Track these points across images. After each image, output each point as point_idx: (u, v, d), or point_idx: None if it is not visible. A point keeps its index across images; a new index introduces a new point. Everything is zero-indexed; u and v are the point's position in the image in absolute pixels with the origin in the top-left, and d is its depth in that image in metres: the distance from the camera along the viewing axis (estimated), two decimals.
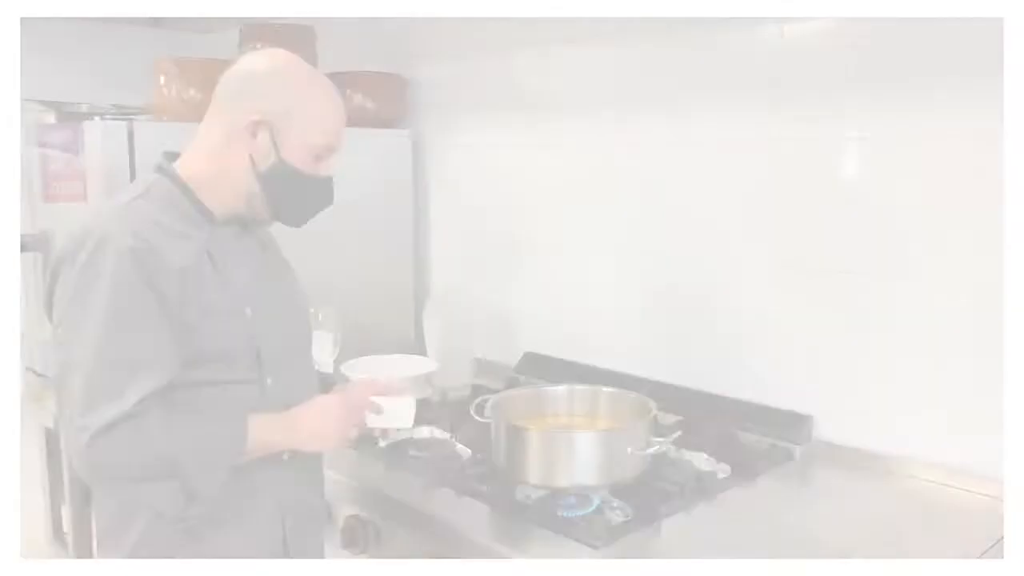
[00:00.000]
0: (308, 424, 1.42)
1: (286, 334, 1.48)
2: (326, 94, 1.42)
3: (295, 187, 1.41)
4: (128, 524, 1.37)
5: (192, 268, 1.32)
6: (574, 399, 1.87)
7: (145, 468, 1.26)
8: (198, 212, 1.39)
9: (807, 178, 1.89)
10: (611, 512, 1.61)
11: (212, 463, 1.31)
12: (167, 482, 1.27)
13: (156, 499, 1.29)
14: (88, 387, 1.24)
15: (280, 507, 1.46)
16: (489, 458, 1.77)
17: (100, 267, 1.26)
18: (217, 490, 1.32)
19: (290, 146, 1.38)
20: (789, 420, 1.91)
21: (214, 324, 1.34)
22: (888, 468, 1.80)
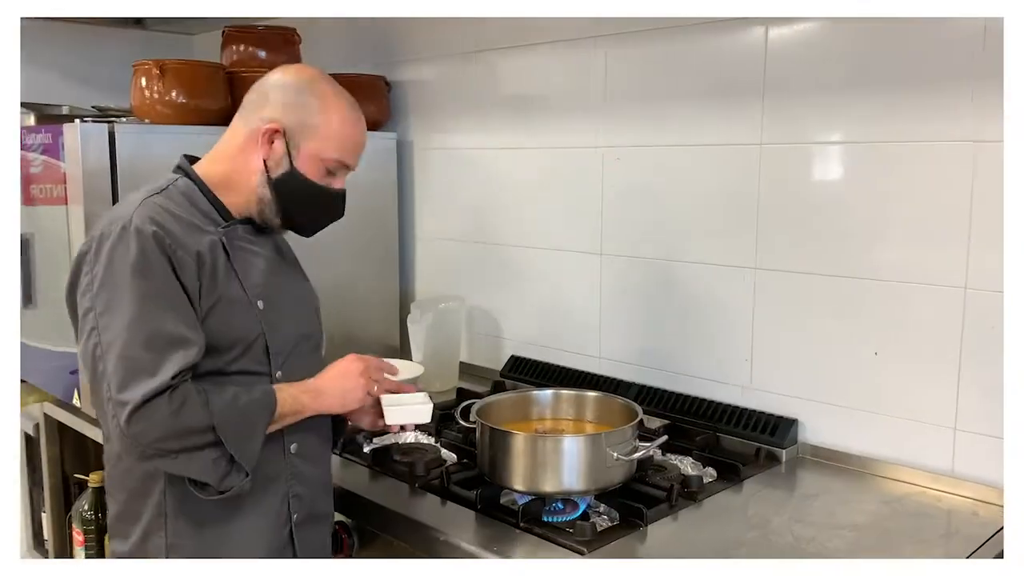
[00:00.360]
0: (331, 385, 1.48)
1: (296, 331, 1.51)
2: (348, 113, 1.47)
3: (305, 197, 1.47)
4: (138, 512, 1.41)
5: (207, 256, 1.38)
6: (560, 403, 1.87)
7: (186, 438, 1.30)
8: (215, 210, 1.45)
9: (790, 182, 1.90)
10: (597, 517, 1.61)
11: (248, 429, 1.35)
12: (207, 451, 1.32)
13: (198, 469, 1.32)
14: (124, 365, 1.28)
15: (288, 501, 1.48)
16: (474, 463, 1.76)
17: (126, 252, 1.31)
18: (255, 458, 1.36)
19: (304, 157, 1.44)
20: (774, 424, 1.91)
21: (227, 313, 1.39)
22: (874, 471, 1.80)
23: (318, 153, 1.45)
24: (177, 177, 1.47)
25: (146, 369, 1.28)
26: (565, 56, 2.28)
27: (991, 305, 1.65)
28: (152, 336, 1.29)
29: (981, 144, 1.63)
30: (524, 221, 2.44)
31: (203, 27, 3.21)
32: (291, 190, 1.45)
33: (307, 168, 1.45)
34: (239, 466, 1.34)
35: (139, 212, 1.35)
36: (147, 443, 1.29)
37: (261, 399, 1.37)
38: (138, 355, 1.28)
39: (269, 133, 1.43)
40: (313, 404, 1.45)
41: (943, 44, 1.66)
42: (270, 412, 1.38)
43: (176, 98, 2.24)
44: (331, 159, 1.46)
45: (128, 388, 1.27)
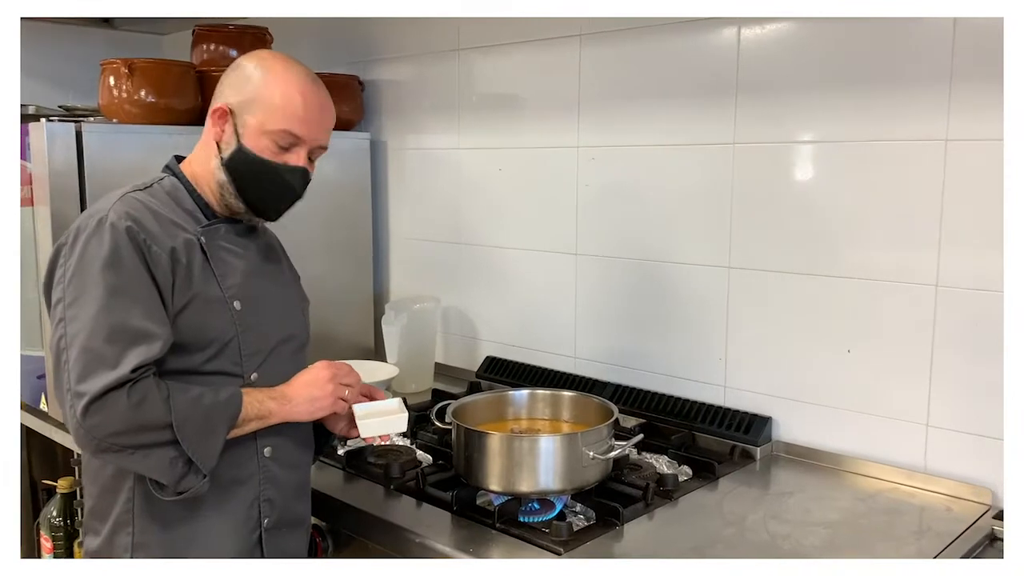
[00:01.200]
0: (299, 393, 1.44)
1: (277, 332, 1.49)
2: (296, 84, 1.42)
3: (255, 174, 1.42)
4: (109, 508, 1.40)
5: (182, 253, 1.36)
6: (535, 403, 1.86)
7: (142, 434, 1.28)
8: (199, 209, 1.44)
9: (763, 181, 1.91)
10: (573, 516, 1.60)
11: (208, 430, 1.32)
12: (164, 449, 1.29)
13: (154, 467, 1.30)
14: (85, 356, 1.27)
15: (258, 506, 1.45)
16: (450, 464, 1.75)
17: (99, 245, 1.30)
18: (214, 460, 1.33)
19: (250, 133, 1.41)
20: (749, 422, 1.92)
21: (202, 312, 1.37)
22: (847, 468, 1.81)
23: (262, 126, 1.40)
24: (164, 176, 1.47)
25: (107, 361, 1.26)
26: (540, 56, 2.27)
27: (963, 302, 1.66)
28: (115, 329, 1.28)
29: (952, 143, 1.65)
30: (499, 221, 2.43)
31: (174, 27, 3.17)
32: (241, 167, 1.42)
33: (254, 143, 1.41)
34: (197, 468, 1.32)
35: (116, 207, 1.35)
36: (102, 436, 1.27)
37: (226, 401, 1.35)
38: (100, 347, 1.27)
39: (218, 114, 1.43)
40: (280, 411, 1.42)
41: (914, 44, 1.67)
42: (233, 415, 1.35)
43: (145, 97, 2.20)
44: (277, 130, 1.40)
45: (87, 379, 1.26)
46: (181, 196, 1.44)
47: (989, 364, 1.63)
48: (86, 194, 2.02)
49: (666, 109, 2.04)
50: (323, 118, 1.46)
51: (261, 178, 1.43)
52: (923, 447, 1.74)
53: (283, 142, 1.42)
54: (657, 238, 2.09)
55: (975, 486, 1.66)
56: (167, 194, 1.43)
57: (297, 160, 1.44)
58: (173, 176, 1.47)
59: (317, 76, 1.47)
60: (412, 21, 2.55)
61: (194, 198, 1.45)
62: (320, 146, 1.47)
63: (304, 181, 1.47)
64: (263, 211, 1.48)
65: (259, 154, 1.41)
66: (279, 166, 1.43)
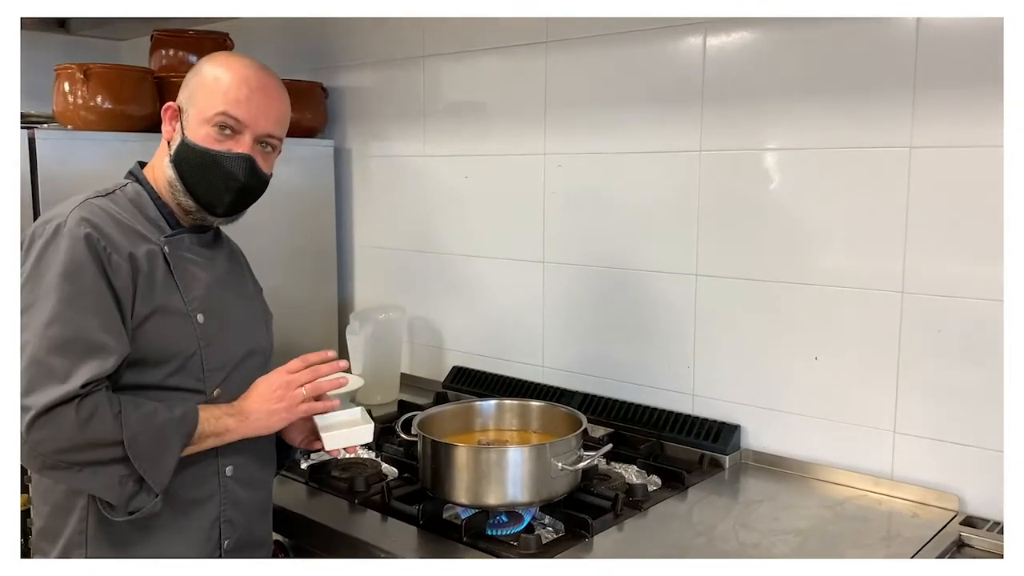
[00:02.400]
0: (255, 407, 1.38)
1: (241, 346, 1.44)
2: (236, 69, 1.38)
3: (198, 165, 1.37)
4: (60, 528, 1.35)
5: (143, 263, 1.32)
6: (503, 414, 1.84)
7: (90, 451, 1.23)
8: (162, 217, 1.40)
9: (729, 188, 1.90)
10: (542, 529, 1.58)
11: (161, 448, 1.27)
12: (114, 467, 1.24)
13: (102, 486, 1.25)
14: (33, 368, 1.22)
15: (219, 526, 1.41)
16: (416, 477, 1.72)
17: (56, 252, 1.26)
18: (167, 479, 1.28)
19: (192, 124, 1.38)
20: (718, 430, 1.91)
21: (163, 326, 1.33)
22: (815, 475, 1.81)
23: (201, 114, 1.36)
24: (127, 182, 1.42)
25: (56, 375, 1.21)
26: (506, 63, 2.26)
27: (928, 309, 1.67)
28: (68, 341, 1.23)
29: (916, 150, 1.66)
30: (465, 229, 2.41)
31: (132, 32, 3.10)
32: (184, 160, 1.37)
33: (196, 134, 1.37)
34: (149, 487, 1.26)
35: (75, 212, 1.30)
36: (47, 452, 1.22)
37: (180, 418, 1.29)
38: (50, 360, 1.22)
39: (168, 114, 1.41)
40: (239, 428, 1.36)
41: (878, 52, 1.68)
42: (188, 432, 1.29)
43: (101, 104, 2.15)
44: (213, 114, 1.35)
45: (33, 393, 1.21)
46: (144, 203, 1.39)
47: (955, 370, 1.64)
48: (39, 203, 1.96)
49: (632, 116, 2.03)
50: (267, 103, 1.39)
51: (203, 168, 1.37)
52: (890, 454, 1.74)
53: (224, 127, 1.36)
54: (624, 246, 2.08)
55: (941, 492, 1.67)
56: (130, 201, 1.38)
57: (240, 148, 1.38)
58: (137, 182, 1.42)
59: (269, 69, 1.42)
60: (377, 27, 2.52)
61: (158, 206, 1.40)
62: (268, 134, 1.40)
63: (249, 169, 1.38)
64: (211, 205, 1.40)
65: (200, 143, 1.37)
66: (219, 153, 1.37)
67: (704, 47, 1.90)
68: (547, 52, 2.17)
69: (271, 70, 1.43)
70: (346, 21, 2.60)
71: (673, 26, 1.94)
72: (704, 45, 1.90)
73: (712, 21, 1.88)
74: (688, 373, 2.00)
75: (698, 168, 1.94)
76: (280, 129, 1.43)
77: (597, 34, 2.06)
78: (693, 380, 2.00)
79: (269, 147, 1.42)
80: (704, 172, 1.94)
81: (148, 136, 2.19)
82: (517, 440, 1.78)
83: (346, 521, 1.63)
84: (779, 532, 1.57)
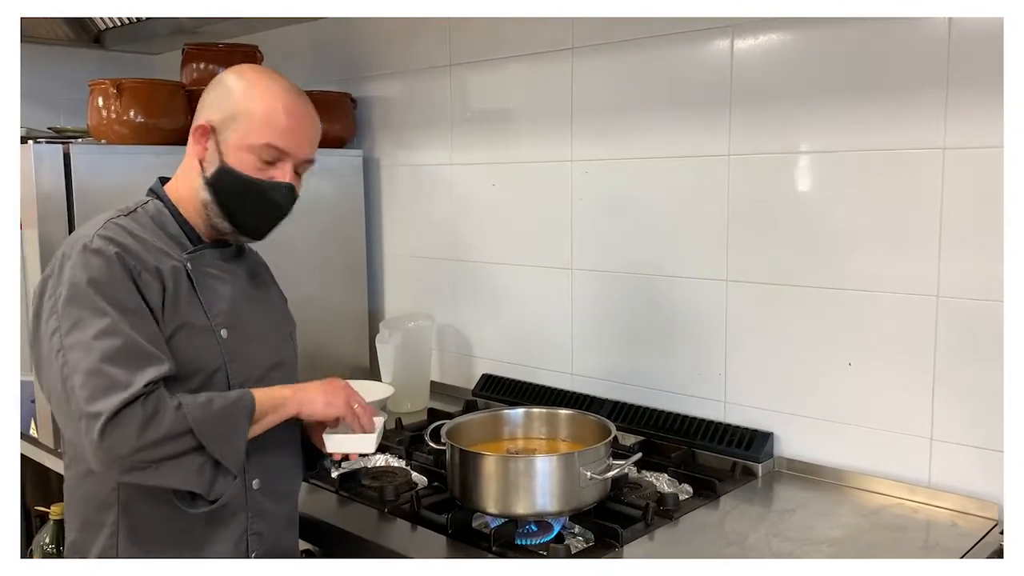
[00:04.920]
0: (315, 386, 1.41)
1: (264, 361, 1.45)
2: (278, 97, 1.38)
3: (239, 191, 1.39)
4: (90, 543, 1.36)
5: (169, 280, 1.33)
6: (532, 422, 1.83)
7: (164, 445, 1.24)
8: (184, 234, 1.41)
9: (759, 192, 1.88)
10: (571, 538, 1.57)
11: (230, 429, 1.29)
12: (189, 457, 1.26)
13: (183, 478, 1.27)
14: (93, 379, 1.22)
15: (246, 540, 1.42)
16: (445, 486, 1.71)
17: (88, 271, 1.27)
18: (241, 458, 1.31)
19: (232, 149, 1.38)
20: (750, 438, 1.89)
21: (188, 341, 1.34)
22: (850, 483, 1.78)
23: (244, 141, 1.36)
24: (148, 200, 1.43)
25: (117, 382, 1.22)
26: (532, 70, 2.26)
27: (964, 313, 1.64)
28: (121, 351, 1.24)
29: (949, 151, 1.63)
30: (494, 237, 2.41)
31: (164, 46, 3.16)
32: (225, 185, 1.38)
33: (237, 160, 1.37)
34: (225, 470, 1.29)
35: (100, 232, 1.31)
36: (124, 455, 1.21)
37: (238, 399, 1.32)
38: (107, 369, 1.22)
39: (199, 132, 1.39)
40: (295, 398, 1.37)
41: (909, 52, 1.65)
42: (249, 410, 1.32)
43: (134, 117, 2.19)
44: (259, 144, 1.36)
45: (98, 400, 1.21)
46: (166, 220, 1.40)
47: (993, 375, 1.60)
48: (74, 216, 2.00)
49: (660, 121, 2.02)
50: (307, 131, 1.41)
51: (246, 196, 1.38)
52: (927, 461, 1.71)
53: (267, 157, 1.38)
54: (653, 252, 2.07)
55: (981, 500, 1.63)
56: (151, 219, 1.39)
57: (282, 176, 1.40)
58: (157, 199, 1.43)
59: (300, 89, 1.44)
60: (403, 37, 2.54)
61: (179, 222, 1.41)
62: (306, 160, 1.43)
63: (291, 197, 1.42)
64: (250, 230, 1.43)
65: (242, 171, 1.37)
66: (264, 183, 1.39)
67: (732, 50, 1.89)
68: (573, 58, 2.16)
69: (302, 90, 1.44)
70: (373, 31, 2.61)
71: (700, 29, 1.92)
72: (732, 48, 1.89)
73: (739, 25, 1.86)
74: (719, 380, 1.98)
75: (727, 173, 1.92)
76: (315, 152, 1.46)
77: (623, 39, 2.06)
78: (724, 387, 1.98)
79: (303, 168, 1.45)
80: (733, 176, 1.92)
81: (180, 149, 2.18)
82: (546, 449, 1.78)
83: (375, 530, 1.63)
84: (813, 542, 1.55)
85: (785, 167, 1.85)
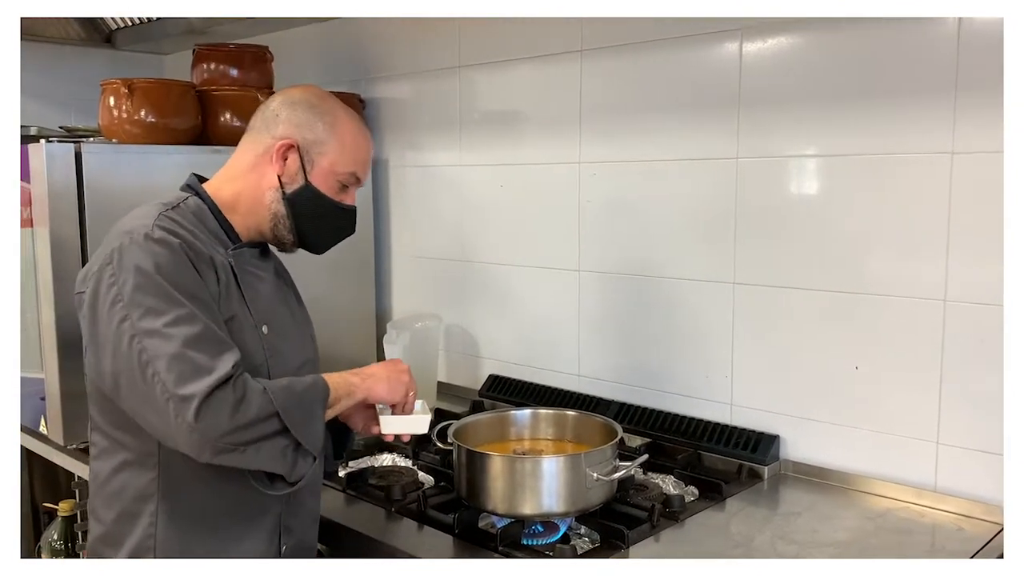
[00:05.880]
0: (380, 370, 1.48)
1: (297, 358, 1.50)
2: (359, 128, 1.50)
3: (319, 212, 1.47)
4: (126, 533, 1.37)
5: (222, 272, 1.37)
6: (538, 423, 1.84)
7: (253, 428, 1.26)
8: (223, 231, 1.44)
9: (767, 195, 1.89)
10: (578, 539, 1.58)
11: (309, 413, 1.33)
12: (276, 440, 1.29)
13: (269, 459, 1.29)
14: (178, 363, 1.24)
15: (279, 533, 1.45)
16: (452, 486, 1.72)
17: (153, 259, 1.28)
18: (320, 442, 1.35)
19: (319, 172, 1.45)
20: (756, 440, 1.89)
21: (237, 334, 1.37)
22: (856, 487, 1.78)
23: (332, 167, 1.45)
24: (187, 195, 1.45)
25: (203, 365, 1.24)
26: (541, 72, 2.26)
27: (971, 317, 1.64)
28: (200, 337, 1.26)
29: (957, 156, 1.63)
30: (501, 238, 2.42)
31: (174, 46, 3.17)
32: (306, 205, 1.45)
33: (321, 183, 1.46)
34: (305, 452, 1.32)
35: (158, 223, 1.33)
36: (217, 436, 1.23)
37: (314, 383, 1.36)
38: (190, 354, 1.24)
39: (284, 148, 1.44)
40: (363, 385, 1.44)
41: (918, 55, 1.66)
42: (325, 395, 1.36)
43: (145, 117, 2.20)
44: (345, 173, 1.47)
45: (187, 383, 1.22)
46: (206, 217, 1.43)
47: (999, 379, 1.60)
48: (85, 215, 2.01)
49: (668, 124, 2.02)
50: (371, 156, 1.55)
51: (323, 216, 1.47)
52: (933, 465, 1.71)
53: (347, 183, 1.48)
54: (660, 254, 2.07)
55: (987, 504, 1.63)
56: (193, 214, 1.42)
57: (352, 200, 1.51)
58: (196, 196, 1.45)
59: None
60: (412, 38, 2.55)
61: (219, 220, 1.44)
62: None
63: (355, 220, 1.55)
64: (314, 245, 1.52)
65: (325, 192, 1.46)
66: (343, 207, 1.49)
67: (740, 53, 1.89)
68: (581, 60, 2.17)
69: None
70: (382, 33, 2.62)
71: (709, 32, 1.92)
72: (740, 51, 1.89)
73: (748, 28, 1.87)
74: (726, 382, 1.99)
75: (735, 175, 1.93)
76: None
77: (631, 42, 2.06)
78: (731, 389, 1.98)
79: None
80: (741, 179, 1.92)
81: (191, 149, 2.24)
82: (552, 449, 1.78)
83: (382, 529, 1.64)
84: (819, 544, 1.55)
85: (793, 170, 1.85)
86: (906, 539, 1.57)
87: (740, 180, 1.92)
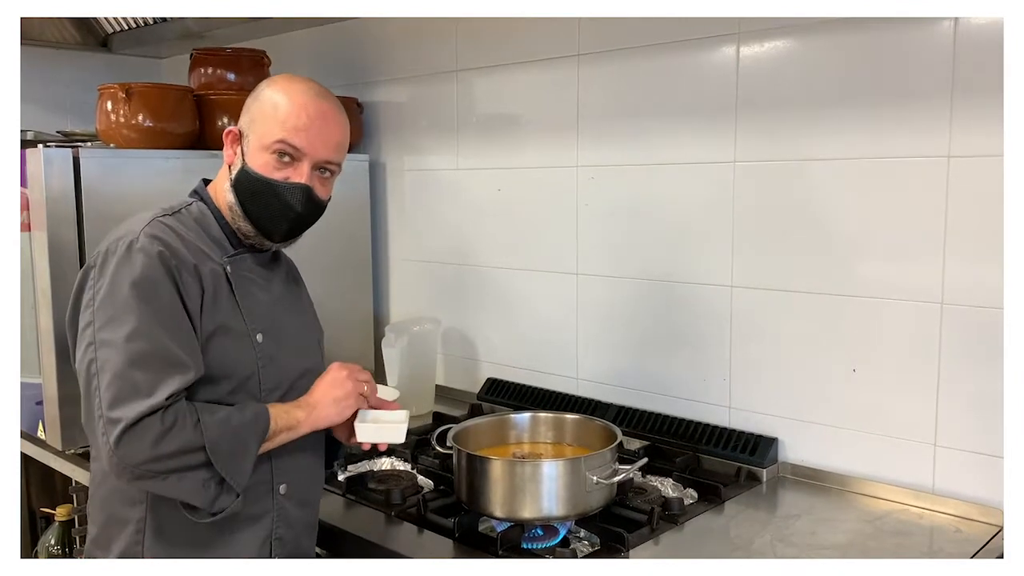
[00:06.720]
0: (323, 398, 1.42)
1: (295, 367, 1.47)
2: (295, 95, 1.38)
3: (256, 193, 1.40)
4: (114, 537, 1.38)
5: (209, 282, 1.35)
6: (538, 427, 1.84)
7: (176, 459, 1.25)
8: (225, 237, 1.43)
9: (764, 199, 1.89)
10: (577, 543, 1.58)
11: (241, 449, 1.31)
12: (198, 472, 1.28)
13: (188, 491, 1.28)
14: (118, 383, 1.25)
15: (270, 544, 1.43)
16: (451, 490, 1.72)
17: (130, 270, 1.28)
18: (246, 478, 1.32)
19: (252, 150, 1.40)
20: (755, 443, 1.89)
21: (224, 344, 1.36)
22: (854, 489, 1.79)
23: (261, 140, 1.38)
24: (192, 201, 1.45)
25: (141, 389, 1.24)
26: (539, 76, 2.27)
27: (968, 319, 1.64)
28: (150, 356, 1.26)
29: (955, 160, 1.63)
30: (499, 242, 2.42)
31: (172, 50, 3.17)
32: (245, 187, 1.40)
33: (255, 161, 1.39)
34: (230, 487, 1.30)
35: (147, 230, 1.33)
36: (136, 463, 1.24)
37: (253, 418, 1.33)
38: (133, 374, 1.25)
39: (229, 137, 1.43)
40: (308, 419, 1.40)
41: (914, 59, 1.66)
42: (263, 432, 1.34)
43: (143, 122, 2.20)
44: (272, 142, 1.36)
45: (120, 406, 1.23)
46: (208, 223, 1.42)
47: (997, 382, 1.61)
48: (83, 220, 2.00)
49: (665, 128, 2.03)
50: (326, 130, 1.39)
51: (261, 196, 1.39)
52: (931, 467, 1.71)
53: (282, 155, 1.38)
54: (659, 257, 2.08)
55: (985, 506, 1.64)
56: (195, 220, 1.41)
57: (298, 176, 1.39)
58: (201, 201, 1.45)
59: (328, 93, 1.43)
60: (410, 42, 2.55)
61: (221, 225, 1.43)
62: (327, 161, 1.41)
63: (306, 199, 1.40)
64: (268, 232, 1.42)
65: (259, 171, 1.39)
66: (276, 183, 1.38)
67: (738, 57, 1.90)
68: (579, 64, 2.17)
69: (331, 94, 1.43)
70: (380, 36, 2.63)
71: (706, 36, 1.93)
72: (738, 55, 1.90)
73: (745, 32, 1.87)
74: (724, 385, 1.99)
75: (732, 179, 1.93)
76: (339, 155, 1.44)
77: (629, 46, 2.07)
78: (729, 392, 1.98)
79: (328, 172, 1.44)
80: (739, 183, 1.93)
81: (189, 153, 2.24)
82: (552, 453, 1.78)
83: (382, 533, 1.64)
84: (818, 547, 1.55)
85: (790, 174, 1.85)
86: (904, 541, 1.58)
87: (738, 184, 1.93)
